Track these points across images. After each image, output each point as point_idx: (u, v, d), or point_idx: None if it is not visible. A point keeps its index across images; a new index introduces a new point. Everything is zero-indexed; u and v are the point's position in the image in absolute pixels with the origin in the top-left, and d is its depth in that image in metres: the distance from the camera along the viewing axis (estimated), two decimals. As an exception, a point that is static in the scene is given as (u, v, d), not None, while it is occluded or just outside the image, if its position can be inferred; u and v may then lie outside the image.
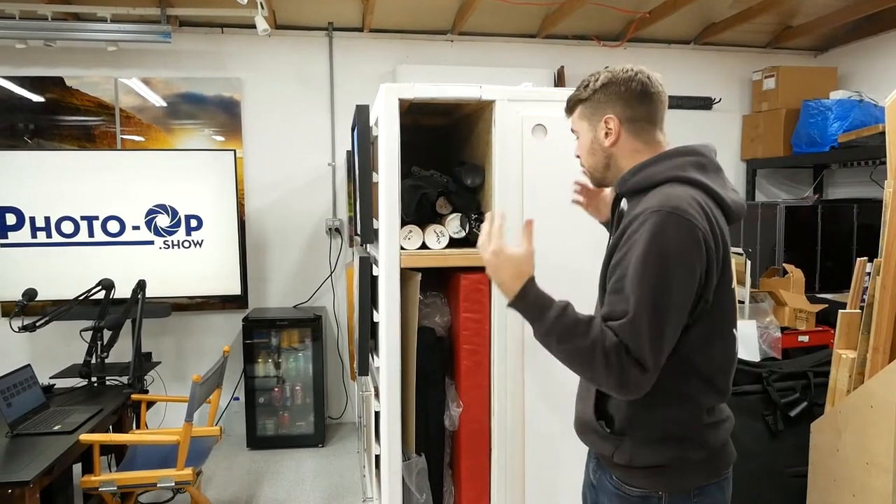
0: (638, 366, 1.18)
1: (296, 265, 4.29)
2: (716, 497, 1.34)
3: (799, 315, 3.60)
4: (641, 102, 1.36)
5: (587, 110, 1.40)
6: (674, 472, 1.30)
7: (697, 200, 1.25)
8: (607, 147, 1.38)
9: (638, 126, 1.36)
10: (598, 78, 1.37)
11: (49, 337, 4.07)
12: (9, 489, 2.15)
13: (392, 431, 2.00)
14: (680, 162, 1.32)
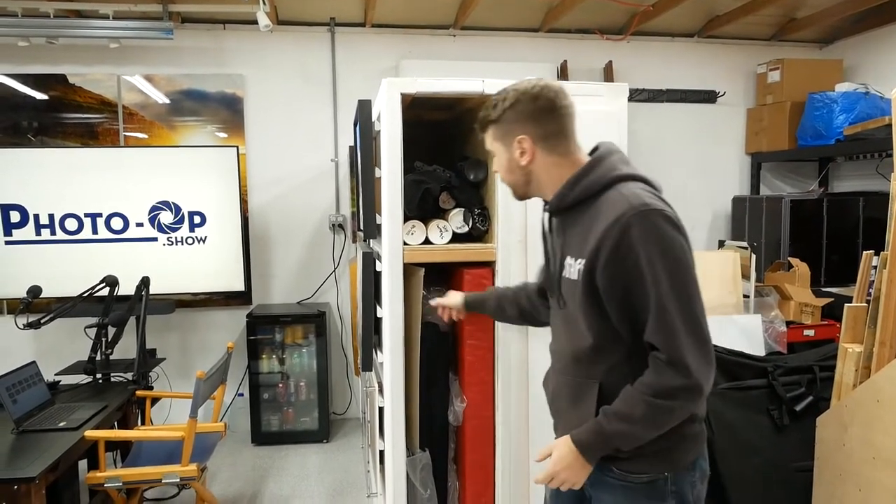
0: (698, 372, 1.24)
1: (299, 261, 4.29)
2: (703, 468, 1.39)
3: (804, 309, 3.58)
4: (551, 118, 1.36)
5: (499, 131, 1.40)
6: (676, 451, 1.33)
7: (648, 191, 1.30)
8: (524, 165, 1.38)
9: (551, 141, 1.37)
10: (507, 97, 1.37)
11: (54, 334, 4.08)
12: (15, 485, 2.16)
13: (396, 427, 2.00)
14: (611, 163, 1.34)
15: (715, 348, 3.04)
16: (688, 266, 1.25)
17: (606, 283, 1.28)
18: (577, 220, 1.35)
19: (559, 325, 1.44)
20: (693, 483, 1.36)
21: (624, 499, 1.35)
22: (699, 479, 1.38)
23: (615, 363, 1.33)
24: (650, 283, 1.23)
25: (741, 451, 2.91)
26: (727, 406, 2.95)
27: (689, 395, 1.24)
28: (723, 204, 4.69)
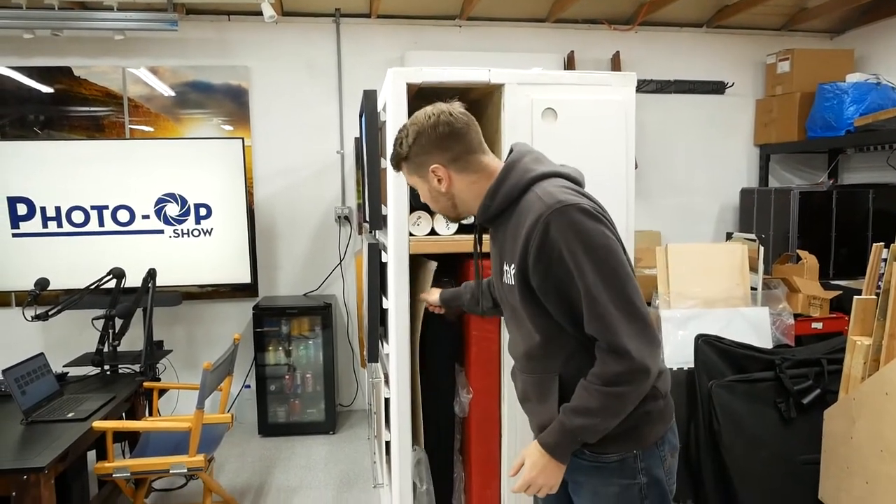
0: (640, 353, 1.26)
1: (305, 253, 4.29)
2: (672, 442, 1.44)
3: (812, 302, 3.56)
4: (454, 140, 1.40)
5: (412, 166, 1.45)
6: (643, 428, 1.37)
7: (563, 186, 1.33)
8: (445, 191, 1.44)
9: (462, 161, 1.41)
10: (408, 133, 1.42)
11: (62, 326, 4.10)
12: (24, 475, 2.17)
13: (402, 417, 2.00)
14: (524, 166, 1.38)
15: (721, 341, 3.05)
16: (611, 252, 1.27)
17: (539, 283, 1.33)
18: (505, 226, 1.40)
19: (512, 327, 1.49)
20: (662, 457, 1.41)
21: (597, 479, 1.40)
22: (668, 452, 1.43)
23: (569, 354, 1.37)
24: (577, 276, 1.26)
25: (748, 443, 2.90)
26: (734, 398, 2.94)
27: (635, 377, 1.27)
28: (730, 196, 4.66)
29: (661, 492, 1.41)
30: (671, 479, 1.44)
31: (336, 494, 3.23)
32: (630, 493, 1.38)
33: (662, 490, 1.41)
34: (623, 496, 1.39)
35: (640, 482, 1.38)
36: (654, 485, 1.39)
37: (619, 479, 1.38)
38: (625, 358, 1.26)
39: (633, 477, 1.38)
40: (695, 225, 4.64)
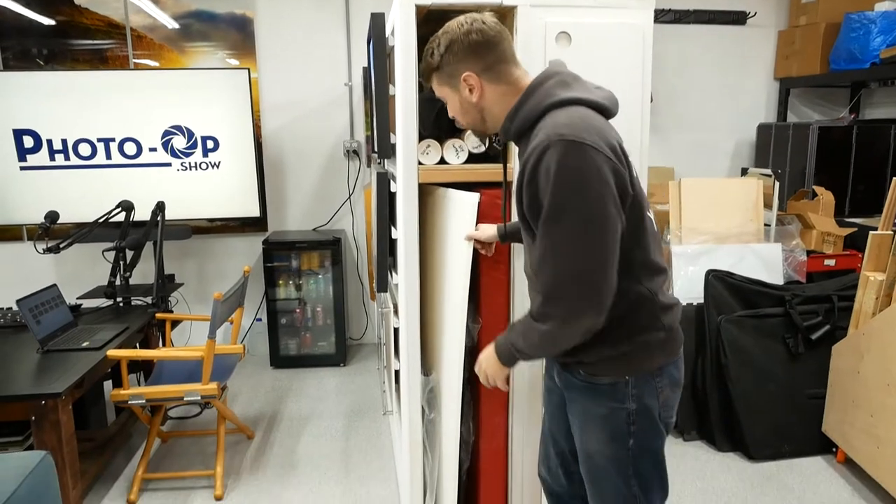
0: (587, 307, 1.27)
1: (314, 188, 4.27)
2: (673, 375, 1.44)
3: (826, 239, 3.52)
4: (488, 48, 1.37)
5: (443, 76, 1.43)
6: (637, 356, 1.39)
7: (580, 117, 1.26)
8: (476, 102, 1.41)
9: (495, 71, 1.39)
10: (440, 42, 1.40)
11: (74, 260, 4.14)
12: (42, 401, 2.23)
13: (411, 346, 2.01)
14: (546, 89, 1.34)
15: (732, 276, 3.03)
16: (584, 197, 1.21)
17: (525, 208, 1.33)
18: (524, 149, 1.36)
19: (526, 244, 1.49)
20: (658, 388, 1.42)
21: (589, 398, 1.44)
22: (668, 385, 1.43)
23: None
24: (543, 212, 1.26)
25: (754, 377, 2.93)
26: (743, 333, 2.95)
27: (559, 323, 1.28)
28: (747, 131, 4.55)
29: (650, 420, 1.42)
30: (667, 413, 1.45)
31: (346, 423, 3.31)
32: (618, 416, 1.41)
33: (651, 418, 1.42)
34: (610, 418, 1.42)
35: (629, 408, 1.40)
36: (644, 412, 1.41)
37: (609, 402, 1.41)
38: (551, 303, 1.28)
39: (623, 402, 1.40)
40: (709, 161, 4.56)
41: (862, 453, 2.63)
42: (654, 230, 1.41)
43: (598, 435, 1.45)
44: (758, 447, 2.89)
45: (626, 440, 1.42)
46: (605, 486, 1.48)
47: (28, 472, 1.72)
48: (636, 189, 1.33)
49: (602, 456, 1.46)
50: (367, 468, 2.86)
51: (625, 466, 1.44)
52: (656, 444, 1.46)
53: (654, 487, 1.48)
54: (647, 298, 1.38)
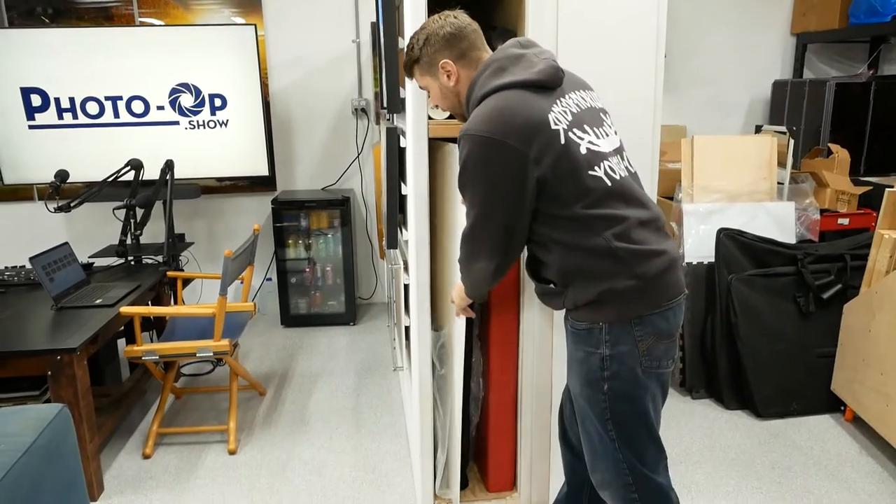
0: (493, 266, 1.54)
1: (322, 147, 4.24)
2: (658, 325, 1.46)
3: (841, 197, 3.47)
4: (460, 38, 1.56)
5: (423, 67, 1.60)
6: (608, 304, 1.44)
7: (493, 107, 1.41)
8: (454, 86, 1.59)
9: (468, 58, 1.57)
10: (419, 38, 1.58)
11: (85, 220, 4.15)
12: (58, 356, 2.26)
13: (422, 302, 2.02)
14: (481, 80, 1.50)
15: (743, 235, 3.01)
16: (477, 184, 1.44)
17: None
18: None
19: None
20: (637, 337, 1.46)
21: (573, 343, 1.56)
22: (650, 335, 1.46)
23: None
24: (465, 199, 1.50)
25: (764, 336, 2.93)
26: (753, 292, 2.94)
27: (463, 263, 1.59)
28: (762, 88, 4.46)
29: (626, 368, 1.46)
30: (652, 363, 1.47)
31: (357, 380, 3.35)
32: (592, 360, 1.49)
33: (627, 366, 1.46)
34: (586, 361, 1.51)
35: (602, 353, 1.47)
36: (618, 359, 1.46)
37: (585, 346, 1.51)
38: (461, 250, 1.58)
39: (597, 347, 1.48)
40: (723, 118, 4.48)
41: (871, 411, 2.64)
42: (609, 183, 1.44)
43: (577, 377, 1.55)
44: (766, 405, 2.90)
45: (600, 384, 1.49)
46: (588, 426, 1.56)
47: (46, 423, 1.75)
48: (571, 155, 1.41)
49: (581, 397, 1.54)
50: (377, 423, 2.91)
51: (600, 410, 1.51)
52: (636, 393, 1.48)
53: (638, 438, 1.51)
54: (606, 248, 1.42)
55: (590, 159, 1.43)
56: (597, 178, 1.43)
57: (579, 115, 1.47)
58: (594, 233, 1.42)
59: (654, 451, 1.53)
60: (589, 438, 1.57)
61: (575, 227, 1.43)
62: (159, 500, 2.39)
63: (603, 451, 1.53)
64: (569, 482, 1.78)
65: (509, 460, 2.26)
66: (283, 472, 2.55)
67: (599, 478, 1.57)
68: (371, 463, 2.60)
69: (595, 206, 1.42)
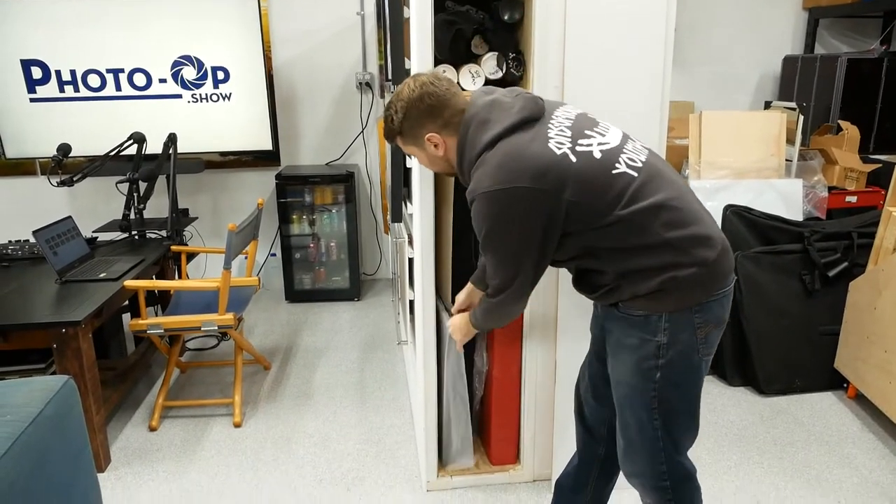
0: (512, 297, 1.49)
1: (326, 121, 4.20)
2: (715, 312, 1.43)
3: (849, 175, 3.44)
4: (442, 108, 1.46)
5: (408, 139, 1.53)
6: (670, 293, 1.39)
7: (497, 161, 1.36)
8: (443, 155, 1.51)
9: (453, 125, 1.48)
10: (397, 109, 1.48)
11: (87, 195, 4.15)
12: (63, 329, 2.26)
13: (426, 276, 2.01)
14: (470, 141, 1.44)
15: (750, 212, 2.99)
16: (500, 237, 1.39)
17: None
18: None
19: None
20: (696, 324, 1.42)
21: (623, 329, 1.48)
22: (709, 322, 1.43)
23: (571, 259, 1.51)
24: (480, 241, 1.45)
25: (769, 313, 2.92)
26: (759, 269, 2.93)
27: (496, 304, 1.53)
28: (772, 64, 4.40)
29: (683, 356, 1.42)
30: (708, 350, 1.45)
31: (361, 355, 3.36)
32: (647, 347, 1.43)
33: (685, 354, 1.42)
34: (640, 348, 1.44)
35: (660, 340, 1.42)
36: (675, 346, 1.41)
37: (640, 333, 1.44)
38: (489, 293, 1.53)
39: (654, 334, 1.42)
40: (731, 95, 4.43)
41: (874, 389, 2.64)
42: (636, 174, 1.39)
43: (626, 364, 1.48)
44: (769, 382, 2.90)
45: (652, 373, 1.44)
46: (629, 414, 1.51)
47: (52, 394, 1.76)
48: (588, 167, 1.36)
49: (628, 385, 1.48)
50: (381, 398, 2.92)
51: (648, 398, 1.46)
52: (689, 381, 1.46)
53: (681, 426, 1.49)
54: (661, 241, 1.37)
55: (607, 160, 1.38)
56: (621, 174, 1.38)
57: (575, 126, 1.43)
58: (643, 229, 1.36)
59: (691, 438, 1.53)
60: (626, 428, 1.53)
61: (621, 229, 1.37)
62: (165, 471, 2.41)
63: (641, 441, 1.50)
64: (581, 457, 1.79)
65: (513, 434, 2.27)
66: (288, 445, 2.57)
67: (632, 468, 1.55)
68: (375, 436, 2.62)
69: (633, 203, 1.36)
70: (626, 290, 1.42)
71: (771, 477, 2.33)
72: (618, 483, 1.82)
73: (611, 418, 1.70)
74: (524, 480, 2.30)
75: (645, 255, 1.38)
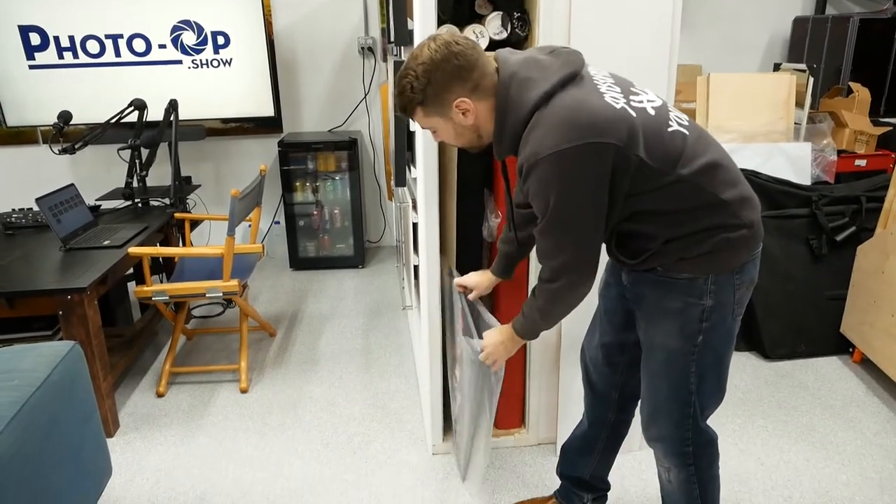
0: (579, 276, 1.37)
1: (328, 87, 4.15)
2: (751, 273, 1.41)
3: (859, 138, 3.39)
4: (470, 68, 1.31)
5: (430, 108, 1.36)
6: (720, 256, 1.35)
7: (557, 120, 1.24)
8: (472, 124, 1.37)
9: (482, 88, 1.33)
10: (418, 75, 1.31)
11: (89, 164, 4.12)
12: (68, 295, 2.27)
13: (430, 240, 2.00)
14: (514, 101, 1.30)
15: (758, 176, 2.95)
16: (583, 205, 1.27)
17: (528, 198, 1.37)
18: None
19: None
20: (736, 286, 1.38)
21: (662, 292, 1.41)
22: (746, 283, 1.40)
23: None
24: (541, 216, 1.33)
25: (775, 278, 2.91)
26: (766, 234, 2.90)
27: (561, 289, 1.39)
28: (782, 26, 4.31)
29: (723, 317, 1.40)
30: (739, 310, 1.42)
31: (366, 321, 3.37)
32: (691, 311, 1.38)
33: (724, 316, 1.40)
34: (684, 312, 1.39)
35: (705, 304, 1.37)
36: (718, 309, 1.38)
37: (685, 297, 1.38)
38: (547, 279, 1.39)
39: (700, 297, 1.37)
40: (740, 57, 4.35)
41: (880, 353, 2.64)
42: (688, 133, 1.33)
43: (667, 329, 1.42)
44: (774, 346, 2.90)
45: (695, 337, 1.39)
46: (662, 380, 1.47)
47: (59, 359, 1.77)
48: (648, 123, 1.28)
49: (666, 350, 1.44)
50: (386, 363, 2.93)
51: (688, 363, 1.42)
52: (725, 344, 1.43)
53: (711, 390, 1.47)
54: (718, 201, 1.32)
55: (661, 117, 1.31)
56: (675, 132, 1.31)
57: (620, 83, 1.34)
58: (700, 189, 1.30)
59: (716, 403, 1.51)
60: (655, 392, 1.49)
61: (681, 189, 1.29)
62: (174, 435, 2.44)
63: (668, 407, 1.48)
64: (589, 421, 1.78)
65: (518, 398, 2.28)
66: (294, 410, 2.59)
67: (657, 432, 1.53)
68: (381, 401, 2.64)
69: (691, 162, 1.30)
70: (673, 253, 1.36)
71: (775, 440, 2.35)
72: (624, 447, 1.83)
73: (623, 384, 1.68)
74: (529, 444, 2.32)
75: (700, 216, 1.32)
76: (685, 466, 1.53)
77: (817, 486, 2.11)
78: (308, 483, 2.16)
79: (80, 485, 1.79)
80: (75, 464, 1.77)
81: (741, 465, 2.22)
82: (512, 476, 2.18)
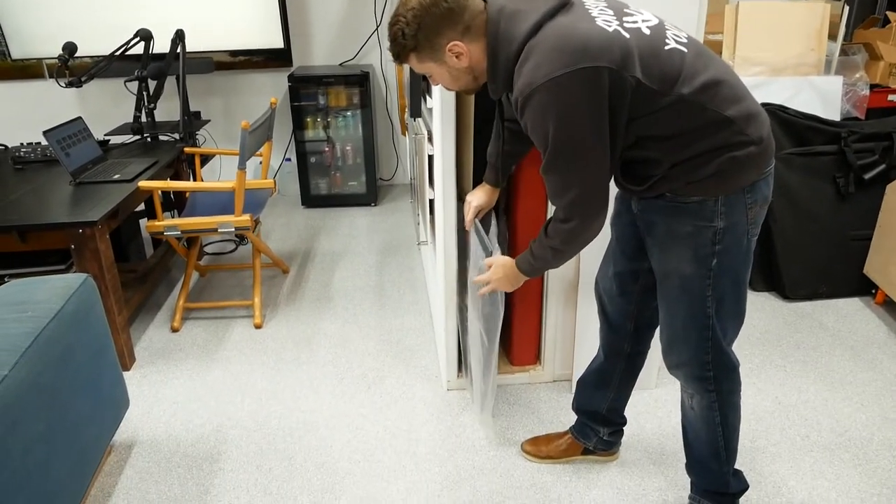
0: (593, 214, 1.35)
1: (339, 19, 4.01)
2: (763, 191, 1.38)
3: (894, 71, 3.24)
4: (461, 9, 1.30)
5: (424, 53, 1.35)
6: (728, 175, 1.32)
7: (546, 49, 1.21)
8: (467, 66, 1.36)
9: (474, 29, 1.32)
10: (407, 21, 1.30)
11: (97, 98, 4.05)
12: (79, 229, 2.24)
13: (447, 172, 1.94)
14: (503, 36, 1.29)
15: (785, 111, 2.83)
16: (585, 132, 1.24)
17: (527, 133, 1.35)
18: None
19: None
20: (748, 205, 1.35)
21: (673, 218, 1.39)
22: (758, 202, 1.37)
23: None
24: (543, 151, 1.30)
25: (798, 217, 2.83)
26: (791, 172, 2.81)
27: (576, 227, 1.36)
28: (816, -47, 4.08)
29: (736, 239, 1.37)
30: (754, 229, 1.39)
31: (379, 259, 3.34)
32: (703, 234, 1.36)
33: (738, 237, 1.37)
34: (696, 236, 1.37)
35: (717, 226, 1.35)
36: (730, 229, 1.36)
37: (695, 221, 1.36)
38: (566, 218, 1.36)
39: (711, 220, 1.35)
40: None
41: (903, 293, 2.58)
42: (686, 50, 1.29)
43: (680, 254, 1.41)
44: (794, 287, 2.85)
45: (709, 260, 1.38)
46: (679, 305, 1.45)
47: (72, 291, 1.75)
48: (643, 42, 1.25)
49: (680, 276, 1.42)
50: (400, 300, 2.92)
51: (703, 287, 1.41)
52: (741, 265, 1.41)
53: (729, 312, 1.45)
54: (721, 119, 1.28)
55: (657, 36, 1.27)
56: (673, 50, 1.27)
57: (612, 4, 1.32)
58: (703, 107, 1.27)
59: (737, 326, 1.49)
60: (673, 318, 1.48)
61: (681, 109, 1.27)
62: (190, 369, 2.45)
63: (687, 333, 1.46)
64: (605, 353, 1.77)
65: (533, 335, 2.26)
66: (309, 346, 2.59)
67: (678, 359, 1.52)
68: (395, 337, 2.63)
69: (691, 80, 1.26)
70: (681, 177, 1.34)
71: (793, 379, 2.32)
72: (639, 384, 1.81)
73: (638, 314, 1.66)
74: (544, 381, 2.32)
75: (704, 136, 1.29)
76: (707, 392, 1.52)
77: (835, 425, 2.09)
78: (323, 416, 2.18)
79: (97, 415, 1.80)
80: (92, 395, 1.77)
81: (758, 403, 2.20)
82: (527, 412, 2.18)
